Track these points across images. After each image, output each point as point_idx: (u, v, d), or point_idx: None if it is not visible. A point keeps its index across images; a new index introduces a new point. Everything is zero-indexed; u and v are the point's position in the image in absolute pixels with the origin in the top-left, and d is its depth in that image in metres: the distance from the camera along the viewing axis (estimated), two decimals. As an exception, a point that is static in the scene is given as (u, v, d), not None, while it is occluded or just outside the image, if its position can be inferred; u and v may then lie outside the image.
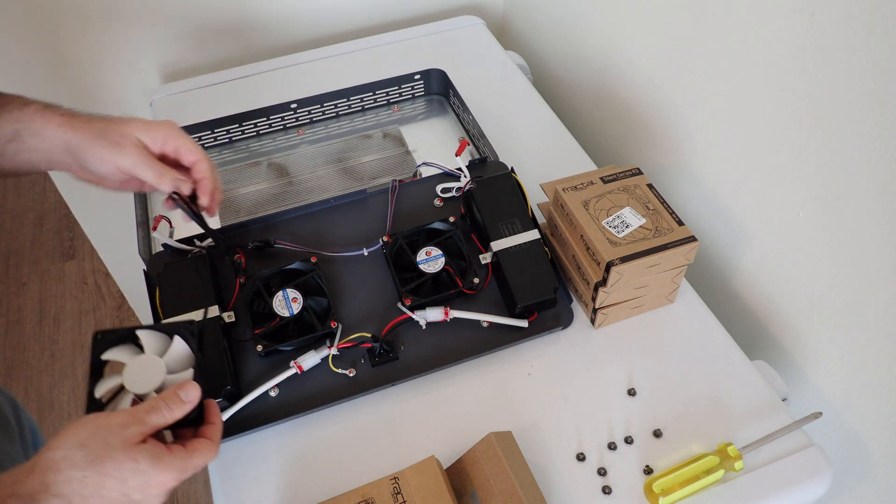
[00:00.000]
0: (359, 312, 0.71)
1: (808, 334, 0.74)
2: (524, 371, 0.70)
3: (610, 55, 0.95)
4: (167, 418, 0.48)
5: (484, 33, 1.12)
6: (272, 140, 0.93)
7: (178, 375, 0.52)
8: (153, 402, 0.48)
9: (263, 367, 0.67)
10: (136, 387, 0.50)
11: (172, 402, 0.48)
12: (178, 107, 1.00)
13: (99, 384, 0.51)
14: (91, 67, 1.06)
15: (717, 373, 0.70)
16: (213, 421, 0.52)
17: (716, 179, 0.82)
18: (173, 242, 0.72)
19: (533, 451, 0.64)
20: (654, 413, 0.67)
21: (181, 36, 1.08)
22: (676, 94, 0.84)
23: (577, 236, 0.71)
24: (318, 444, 0.66)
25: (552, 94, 1.12)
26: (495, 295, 0.73)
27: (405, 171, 0.88)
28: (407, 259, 0.72)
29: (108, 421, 0.46)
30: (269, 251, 0.73)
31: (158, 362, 0.51)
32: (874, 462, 0.70)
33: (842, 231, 0.66)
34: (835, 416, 0.73)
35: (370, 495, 0.58)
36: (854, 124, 0.61)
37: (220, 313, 0.67)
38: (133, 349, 0.53)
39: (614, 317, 0.73)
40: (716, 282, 0.86)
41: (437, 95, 0.98)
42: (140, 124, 0.62)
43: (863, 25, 0.57)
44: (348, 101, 0.94)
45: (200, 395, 0.50)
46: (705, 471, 0.61)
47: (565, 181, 0.73)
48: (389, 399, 0.68)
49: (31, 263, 1.91)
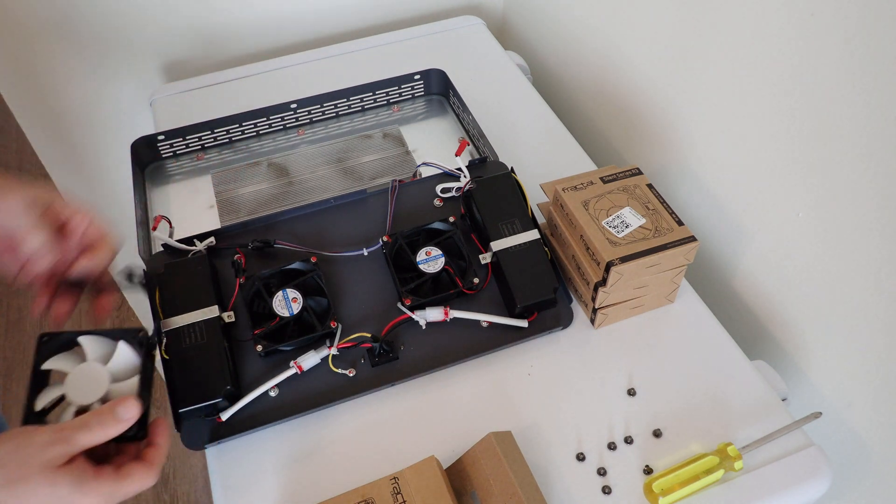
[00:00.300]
0: (359, 312, 0.71)
1: (808, 334, 0.74)
2: (524, 371, 0.70)
3: (610, 55, 0.95)
4: (98, 437, 0.44)
5: (484, 33, 1.12)
6: (272, 140, 0.93)
7: (123, 384, 0.48)
8: (84, 418, 0.44)
9: (263, 367, 0.67)
10: (79, 397, 0.47)
11: (105, 419, 0.44)
12: (178, 107, 1.00)
13: (40, 395, 0.48)
14: (91, 67, 1.06)
15: (717, 373, 0.70)
16: (157, 442, 0.48)
17: (716, 179, 0.82)
18: (173, 242, 0.72)
19: (533, 451, 0.64)
20: (653, 413, 0.67)
21: (181, 36, 1.08)
22: (676, 94, 0.84)
23: (576, 236, 0.71)
24: (318, 444, 0.66)
25: (552, 94, 1.12)
26: (495, 295, 0.73)
27: (405, 171, 0.88)
28: (407, 259, 0.72)
29: (31, 438, 0.42)
30: (269, 251, 0.73)
31: (102, 371, 0.48)
32: (874, 462, 0.70)
33: (842, 231, 0.66)
34: (835, 416, 0.73)
35: (370, 495, 0.58)
36: (854, 124, 0.61)
37: (220, 313, 0.67)
38: (77, 356, 0.50)
39: (614, 317, 0.73)
40: (716, 282, 0.86)
41: (437, 95, 0.98)
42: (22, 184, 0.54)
43: (862, 26, 0.57)
44: (348, 101, 0.94)
45: (140, 412, 0.46)
46: (705, 471, 0.61)
47: (565, 181, 0.73)
48: (389, 399, 0.68)
49: (31, 263, 1.91)
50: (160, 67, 1.11)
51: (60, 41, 1.02)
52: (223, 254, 0.73)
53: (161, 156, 0.90)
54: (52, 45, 1.02)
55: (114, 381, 0.48)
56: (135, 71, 1.09)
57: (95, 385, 0.48)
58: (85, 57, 1.05)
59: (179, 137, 0.89)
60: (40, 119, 1.10)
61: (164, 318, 0.66)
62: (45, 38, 1.01)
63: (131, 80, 1.10)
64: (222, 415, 0.64)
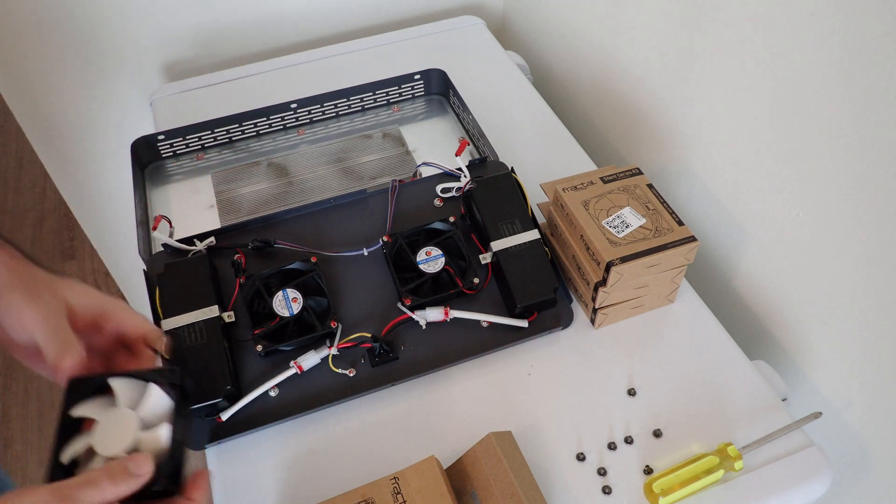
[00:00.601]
0: (359, 312, 0.71)
1: (808, 334, 0.74)
2: (524, 371, 0.70)
3: (610, 55, 0.95)
4: (108, 495, 0.38)
5: (484, 33, 1.12)
6: (272, 140, 0.93)
7: (154, 432, 0.44)
8: (91, 474, 0.39)
9: (263, 367, 0.67)
10: (106, 447, 0.42)
11: (116, 474, 0.39)
12: (178, 107, 1.00)
13: (67, 445, 0.43)
14: (91, 67, 1.06)
15: (717, 373, 0.70)
16: (193, 498, 0.43)
17: (716, 179, 0.82)
18: (173, 242, 0.72)
19: (533, 451, 0.64)
20: (654, 413, 0.67)
21: (181, 36, 1.08)
22: (677, 93, 0.84)
23: (577, 236, 0.71)
24: (318, 444, 0.66)
25: (552, 94, 1.12)
26: (495, 295, 0.73)
27: (405, 171, 0.88)
28: (407, 259, 0.72)
29: (22, 500, 0.37)
30: (269, 251, 0.73)
31: (131, 417, 0.44)
32: (874, 462, 0.70)
33: (842, 231, 0.66)
34: (835, 416, 0.73)
35: (370, 495, 0.58)
36: (854, 124, 0.61)
37: (221, 313, 0.67)
38: (109, 400, 0.46)
39: (614, 317, 0.73)
40: (716, 282, 0.86)
41: (437, 95, 0.98)
42: (78, 286, 0.49)
43: (862, 25, 0.57)
44: (348, 101, 0.94)
45: (152, 468, 0.41)
46: (705, 471, 0.61)
47: (565, 181, 0.73)
48: (389, 399, 0.68)
49: (31, 263, 1.91)
50: (160, 67, 1.11)
51: (60, 41, 1.02)
52: (223, 254, 0.73)
53: (161, 156, 0.90)
54: (52, 45, 1.02)
55: (144, 428, 0.44)
56: (135, 71, 1.09)
57: (123, 433, 0.43)
58: (85, 57, 1.05)
59: (179, 137, 0.89)
60: (40, 119, 1.10)
61: (164, 318, 0.66)
62: (45, 38, 1.01)
63: (131, 80, 1.10)
64: (222, 415, 0.64)
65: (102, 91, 1.09)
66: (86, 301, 0.49)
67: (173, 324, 0.65)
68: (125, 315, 0.51)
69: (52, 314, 0.46)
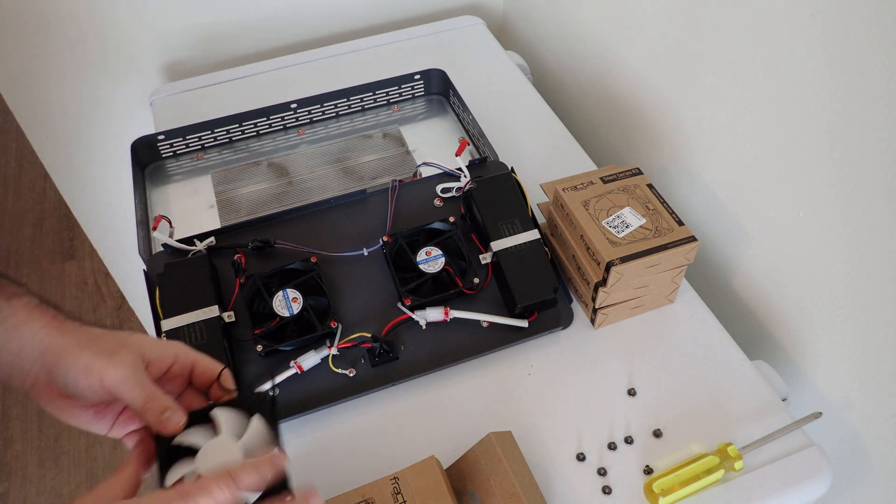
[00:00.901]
0: (359, 312, 0.71)
1: (808, 334, 0.74)
2: (524, 371, 0.70)
3: (610, 55, 0.95)
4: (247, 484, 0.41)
5: (484, 33, 1.12)
6: (272, 140, 0.93)
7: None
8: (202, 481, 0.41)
9: (263, 367, 0.67)
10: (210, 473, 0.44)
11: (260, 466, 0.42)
12: (178, 107, 1.00)
13: (171, 470, 0.46)
14: (91, 67, 1.06)
15: (717, 373, 0.70)
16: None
17: (716, 179, 0.82)
18: (173, 242, 0.72)
19: (533, 451, 0.64)
20: (654, 413, 0.67)
21: (181, 36, 1.08)
22: (677, 93, 0.84)
23: (577, 236, 0.71)
24: (318, 444, 0.66)
25: (552, 94, 1.12)
26: (495, 295, 0.73)
27: (405, 171, 0.88)
28: (407, 259, 0.72)
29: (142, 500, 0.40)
30: (269, 251, 0.73)
31: (234, 447, 0.46)
32: (874, 462, 0.70)
33: (842, 231, 0.66)
34: (835, 416, 0.73)
35: (370, 495, 0.58)
36: (854, 124, 0.61)
37: (221, 313, 0.67)
38: (210, 430, 0.48)
39: (614, 317, 0.73)
40: (716, 282, 0.86)
41: (437, 95, 0.98)
42: (147, 338, 0.51)
43: (862, 25, 0.57)
44: (348, 101, 0.94)
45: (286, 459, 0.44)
46: (705, 471, 0.61)
47: (565, 181, 0.73)
48: (389, 399, 0.68)
49: (31, 263, 1.91)
50: (160, 67, 1.11)
51: (60, 41, 1.02)
52: (223, 254, 0.73)
53: (161, 156, 0.90)
54: (52, 44, 1.02)
55: (247, 457, 0.46)
56: (135, 71, 1.09)
57: (230, 459, 0.45)
58: (85, 57, 1.05)
59: (179, 137, 0.89)
60: (40, 119, 1.10)
61: (164, 318, 0.66)
62: (45, 38, 1.01)
63: (131, 80, 1.10)
64: (222, 415, 0.64)
65: (102, 91, 1.09)
66: (157, 351, 0.50)
67: (173, 324, 0.65)
68: (195, 358, 0.52)
69: (135, 371, 0.47)
